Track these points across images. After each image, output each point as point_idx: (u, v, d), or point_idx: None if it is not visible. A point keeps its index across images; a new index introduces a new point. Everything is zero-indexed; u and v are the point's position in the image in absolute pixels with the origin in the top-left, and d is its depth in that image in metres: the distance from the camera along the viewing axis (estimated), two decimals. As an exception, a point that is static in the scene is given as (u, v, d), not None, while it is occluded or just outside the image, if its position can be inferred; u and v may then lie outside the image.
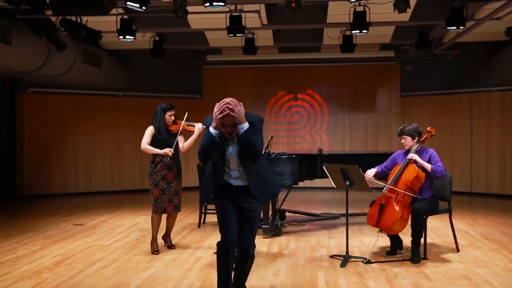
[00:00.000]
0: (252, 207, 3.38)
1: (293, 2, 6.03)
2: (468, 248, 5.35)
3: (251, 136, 3.19)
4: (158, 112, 5.16)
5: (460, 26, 6.80)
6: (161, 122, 5.13)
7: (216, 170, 3.38)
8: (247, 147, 3.21)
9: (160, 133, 5.12)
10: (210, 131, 3.22)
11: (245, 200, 3.37)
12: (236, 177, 3.38)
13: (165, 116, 5.14)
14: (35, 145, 10.00)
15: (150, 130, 5.16)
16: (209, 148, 3.25)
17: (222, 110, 3.16)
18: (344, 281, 4.19)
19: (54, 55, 7.78)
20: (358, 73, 11.35)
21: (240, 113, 3.17)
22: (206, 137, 3.24)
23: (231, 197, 3.39)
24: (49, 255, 5.10)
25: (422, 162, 4.79)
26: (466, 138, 10.40)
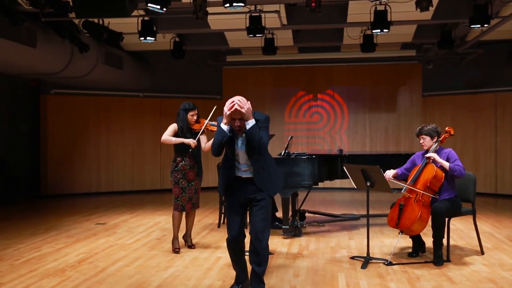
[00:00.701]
0: (261, 196, 3.65)
1: (313, 2, 6.00)
2: (493, 251, 5.23)
3: (257, 131, 3.51)
4: (180, 112, 5.20)
5: (485, 24, 6.66)
6: (183, 122, 5.18)
7: (228, 164, 3.72)
8: (253, 140, 3.51)
9: (183, 133, 5.17)
10: (222, 127, 3.57)
11: (254, 192, 3.66)
12: (245, 170, 3.69)
13: (187, 116, 5.18)
14: (58, 145, 10.19)
15: (173, 127, 5.21)
16: (220, 142, 3.58)
17: (231, 106, 3.48)
18: (365, 282, 4.15)
19: (77, 57, 7.93)
20: (379, 73, 11.22)
21: (248, 110, 3.49)
22: (218, 132, 3.60)
23: (241, 190, 3.69)
24: (73, 253, 5.20)
25: (440, 161, 4.72)
26: (490, 138, 10.18)
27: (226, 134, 3.55)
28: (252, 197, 3.66)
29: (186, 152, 5.21)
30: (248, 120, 3.49)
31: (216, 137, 3.62)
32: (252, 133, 3.49)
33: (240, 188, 3.70)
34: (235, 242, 3.74)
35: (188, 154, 5.21)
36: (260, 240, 3.59)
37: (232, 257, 3.83)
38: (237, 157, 3.68)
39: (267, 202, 3.67)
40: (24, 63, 7.39)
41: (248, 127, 3.50)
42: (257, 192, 3.65)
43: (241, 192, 3.70)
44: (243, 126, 3.54)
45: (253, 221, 3.64)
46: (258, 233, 3.59)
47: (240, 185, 3.69)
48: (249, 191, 3.67)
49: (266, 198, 3.66)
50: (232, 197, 3.74)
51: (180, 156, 5.21)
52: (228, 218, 3.79)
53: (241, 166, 3.68)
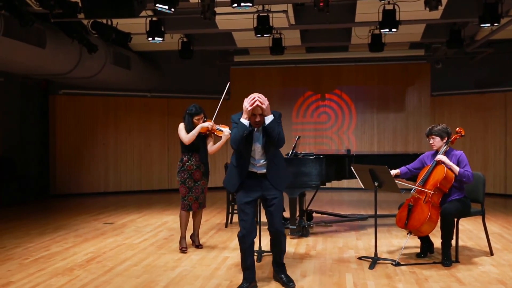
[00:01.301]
0: (274, 195, 3.92)
1: (321, 2, 5.99)
2: (503, 252, 5.18)
3: (276, 125, 3.78)
4: (186, 116, 5.20)
5: (494, 23, 6.60)
6: (189, 126, 5.18)
7: (243, 160, 3.88)
8: (273, 133, 3.75)
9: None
10: (243, 122, 3.76)
11: (268, 188, 3.90)
12: (260, 165, 3.89)
13: (193, 120, 5.19)
14: (67, 145, 10.27)
15: (183, 126, 5.20)
16: (241, 135, 3.76)
17: (252, 102, 3.70)
18: (373, 283, 4.13)
19: (86, 57, 7.98)
20: (387, 73, 11.17)
21: (267, 106, 3.75)
22: (239, 127, 3.76)
23: (255, 186, 3.89)
24: (81, 252, 5.23)
25: (450, 164, 4.67)
26: (500, 138, 10.08)
27: (247, 128, 3.75)
28: (266, 195, 3.90)
29: (193, 152, 5.22)
30: (267, 115, 3.75)
31: (237, 131, 3.77)
32: (272, 127, 3.74)
33: (254, 184, 3.89)
34: (248, 236, 3.86)
35: (194, 154, 5.22)
36: (280, 235, 3.97)
37: (243, 252, 3.91)
38: (253, 152, 3.86)
39: (280, 200, 3.97)
40: (33, 64, 7.46)
41: (267, 122, 3.75)
42: (269, 190, 3.90)
43: (254, 188, 3.89)
44: (262, 121, 3.77)
45: (272, 220, 3.94)
46: (278, 227, 3.94)
47: (254, 181, 3.88)
48: (262, 188, 3.89)
49: (278, 196, 3.94)
50: (244, 193, 3.89)
51: (187, 156, 5.23)
52: (240, 214, 3.91)
53: (256, 161, 3.88)
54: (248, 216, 3.86)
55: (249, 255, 3.92)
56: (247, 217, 3.85)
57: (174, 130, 5.30)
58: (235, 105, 11.45)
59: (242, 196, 3.90)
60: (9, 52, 6.64)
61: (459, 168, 4.63)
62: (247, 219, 3.85)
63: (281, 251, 4.08)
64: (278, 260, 4.11)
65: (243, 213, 3.87)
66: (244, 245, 3.88)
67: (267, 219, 4.01)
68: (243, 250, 3.91)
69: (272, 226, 3.96)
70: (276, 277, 4.14)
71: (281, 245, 4.06)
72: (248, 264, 3.93)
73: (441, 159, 4.71)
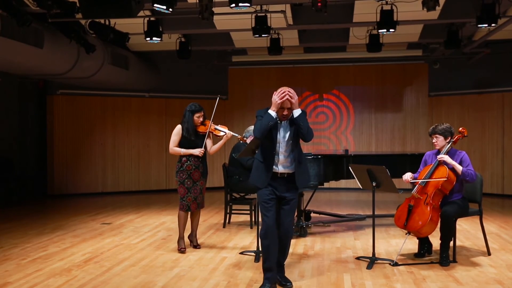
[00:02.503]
0: (292, 196, 3.98)
1: (319, 2, 5.99)
2: (500, 252, 5.20)
3: (305, 118, 3.85)
4: (186, 113, 5.20)
5: (492, 24, 6.62)
6: (189, 123, 5.18)
7: (268, 156, 3.91)
8: (303, 126, 3.81)
9: (189, 134, 5.18)
10: (270, 113, 3.80)
11: (287, 190, 3.95)
12: (281, 162, 3.93)
13: (193, 117, 5.19)
14: (65, 145, 10.25)
15: (178, 130, 5.20)
16: (266, 126, 3.79)
17: (282, 96, 3.75)
18: (371, 283, 4.13)
19: (84, 57, 7.97)
20: (385, 73, 11.18)
21: (296, 101, 3.80)
22: (266, 117, 3.80)
23: (277, 185, 3.92)
24: (79, 253, 5.22)
25: (453, 163, 4.66)
26: (497, 138, 10.11)
27: (274, 119, 3.79)
28: (284, 195, 3.95)
29: None
30: (294, 109, 3.81)
31: (263, 121, 3.81)
32: (302, 119, 3.81)
33: (276, 183, 3.93)
34: (272, 232, 3.87)
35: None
36: (288, 236, 4.03)
37: (266, 251, 3.87)
38: (277, 146, 3.90)
39: (296, 202, 4.06)
40: (31, 64, 7.44)
41: (297, 115, 3.82)
42: (289, 191, 3.95)
43: (277, 186, 3.93)
44: (290, 114, 3.84)
45: (283, 219, 3.97)
46: (288, 229, 3.99)
47: (276, 180, 3.93)
48: (283, 189, 3.94)
49: (295, 198, 4.01)
50: (268, 189, 3.91)
51: (186, 156, 5.22)
52: (262, 210, 3.91)
53: (280, 157, 3.91)
54: (271, 213, 3.87)
55: (273, 255, 3.88)
56: (270, 213, 3.86)
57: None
58: (233, 105, 11.47)
59: (266, 193, 3.90)
60: (6, 52, 6.62)
61: (462, 167, 4.63)
62: (270, 215, 3.86)
63: (285, 253, 4.08)
64: (281, 261, 4.08)
65: (266, 210, 3.88)
66: (267, 241, 3.85)
67: (279, 218, 3.98)
68: (267, 247, 3.86)
69: (283, 225, 3.96)
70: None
71: (286, 248, 4.07)
72: (272, 265, 3.89)
73: (443, 158, 4.71)
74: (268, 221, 3.86)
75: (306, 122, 3.84)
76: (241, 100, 11.50)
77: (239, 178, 6.40)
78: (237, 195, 6.66)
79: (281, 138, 3.90)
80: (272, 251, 3.88)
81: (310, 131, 3.86)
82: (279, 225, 3.97)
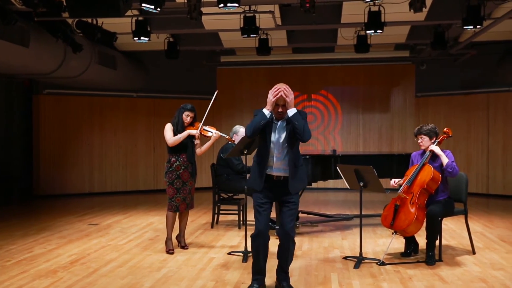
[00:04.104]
0: (292, 198, 3.84)
1: (307, 2, 6.01)
2: (485, 251, 5.27)
3: (300, 117, 3.72)
4: (179, 109, 5.25)
5: (477, 25, 6.70)
6: (179, 119, 5.20)
7: (263, 157, 3.80)
8: (298, 125, 3.68)
9: (178, 130, 5.17)
10: (264, 111, 3.72)
11: (284, 193, 3.82)
12: (276, 165, 3.80)
13: (183, 115, 5.19)
14: (51, 145, 10.14)
15: (170, 126, 5.20)
16: (258, 123, 3.72)
17: (277, 93, 3.68)
18: (358, 282, 4.16)
19: (70, 56, 7.89)
20: (373, 73, 11.26)
21: (291, 99, 3.71)
22: (259, 116, 3.73)
23: (272, 188, 3.82)
24: (65, 254, 5.17)
25: (441, 154, 4.73)
26: (482, 139, 10.24)
27: (266, 118, 3.71)
28: (283, 198, 3.83)
29: (180, 152, 5.20)
30: (291, 108, 3.71)
31: (255, 119, 3.74)
32: (297, 118, 3.70)
33: (274, 186, 3.82)
34: (261, 236, 3.78)
35: (182, 154, 5.21)
36: (289, 239, 3.83)
37: (256, 253, 3.81)
38: (271, 147, 3.78)
39: (297, 203, 3.89)
40: (16, 63, 7.35)
41: (291, 114, 3.70)
42: (286, 195, 3.82)
43: (273, 190, 3.82)
44: (285, 112, 3.73)
45: (284, 221, 3.83)
46: (288, 232, 3.81)
47: (273, 184, 3.82)
48: (281, 192, 3.82)
49: (296, 201, 3.87)
50: (262, 193, 3.82)
51: (175, 157, 5.21)
52: (255, 213, 3.82)
53: (274, 159, 3.79)
54: (263, 216, 3.79)
55: (263, 257, 3.81)
56: (262, 217, 3.79)
57: (160, 131, 5.28)
58: (221, 106, 11.45)
59: (260, 196, 3.82)
60: (-9, 51, 6.54)
61: (447, 160, 4.70)
62: (261, 219, 3.78)
63: (288, 259, 3.91)
64: (284, 268, 3.93)
65: (259, 213, 3.80)
66: (257, 243, 3.78)
67: (279, 220, 3.92)
68: (256, 250, 3.80)
69: (283, 229, 3.83)
70: (278, 284, 3.97)
71: (289, 252, 3.89)
72: (261, 267, 3.83)
73: (433, 148, 4.78)
74: (259, 225, 3.78)
75: (302, 121, 3.70)
76: (230, 100, 11.49)
77: (227, 177, 6.40)
78: (225, 195, 6.65)
79: (275, 140, 3.79)
80: (262, 254, 3.81)
81: (307, 130, 3.72)
82: (281, 227, 3.86)
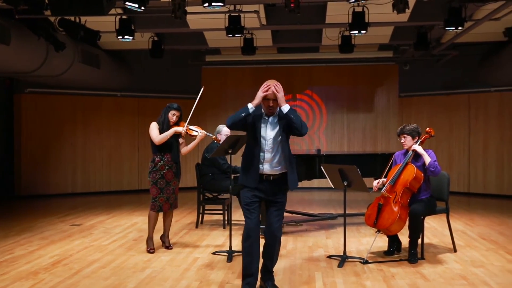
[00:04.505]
0: (280, 198, 3.81)
1: (292, 2, 6.04)
2: (466, 248, 5.36)
3: (295, 112, 3.70)
4: (165, 108, 5.23)
5: (459, 27, 6.82)
6: (165, 118, 5.18)
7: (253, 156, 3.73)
8: (295, 120, 3.65)
9: (164, 129, 5.15)
10: (248, 106, 3.68)
11: (273, 193, 3.78)
12: (268, 161, 3.73)
13: (169, 114, 5.17)
14: (33, 145, 9.99)
15: (155, 125, 5.18)
16: (239, 116, 3.68)
17: (267, 89, 3.65)
18: (342, 281, 4.19)
19: (53, 55, 7.78)
20: (357, 74, 11.35)
21: (282, 97, 3.67)
22: (242, 109, 3.70)
23: (264, 187, 3.75)
24: (46, 255, 5.10)
25: (423, 153, 4.79)
26: (464, 138, 10.41)
27: (248, 111, 3.66)
28: (271, 198, 3.79)
29: (165, 152, 5.18)
30: (282, 105, 3.67)
31: (237, 112, 3.71)
32: (292, 113, 3.66)
33: (263, 185, 3.75)
34: (255, 236, 3.70)
35: (166, 154, 5.18)
36: (276, 239, 3.81)
37: (247, 255, 3.71)
38: (263, 143, 3.72)
39: (284, 203, 3.88)
40: (-3, 61, 7.23)
41: (286, 110, 3.66)
42: (277, 193, 3.79)
43: (262, 189, 3.75)
44: (275, 107, 3.71)
45: (271, 220, 3.80)
46: (275, 232, 3.79)
47: (263, 183, 3.75)
48: (270, 191, 3.77)
49: (284, 200, 3.85)
50: (250, 192, 3.74)
51: (159, 156, 5.18)
52: (245, 212, 3.75)
53: (266, 155, 3.73)
54: (253, 216, 3.71)
55: (256, 259, 3.71)
56: (252, 216, 3.71)
57: (144, 130, 5.26)
58: (206, 105, 11.42)
59: (249, 195, 3.73)
60: (-29, 49, 6.42)
61: (430, 159, 4.76)
62: (252, 218, 3.70)
63: (273, 259, 3.87)
64: (269, 267, 3.89)
65: (249, 212, 3.72)
66: (248, 244, 3.69)
67: (266, 219, 3.84)
68: (247, 252, 3.70)
69: (270, 228, 3.78)
70: (262, 284, 3.92)
71: (275, 254, 3.86)
72: (254, 271, 3.71)
73: (415, 148, 4.85)
74: (250, 224, 3.70)
75: (298, 116, 3.68)
76: (215, 100, 11.46)
77: (212, 177, 6.39)
78: (210, 195, 6.64)
79: (267, 136, 3.73)
80: (255, 256, 3.71)
81: (304, 124, 3.69)
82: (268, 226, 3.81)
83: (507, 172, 9.80)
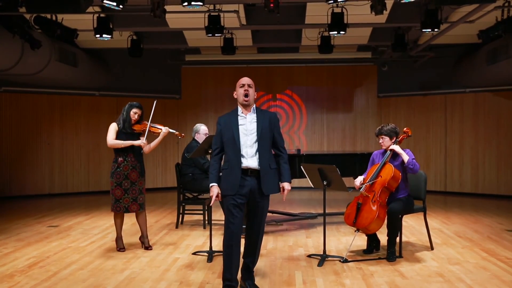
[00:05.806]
0: (263, 199, 3.78)
1: (271, 3, 6.06)
2: (442, 246, 5.47)
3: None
4: (126, 106, 5.18)
5: (435, 29, 6.95)
6: (127, 116, 5.13)
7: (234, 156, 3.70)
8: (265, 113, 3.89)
9: (124, 128, 5.09)
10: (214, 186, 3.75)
11: (257, 195, 3.73)
12: (251, 156, 3.70)
13: (131, 112, 5.11)
14: (9, 145, 9.77)
15: (114, 127, 5.12)
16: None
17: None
18: (321, 280, 4.23)
19: (28, 53, 7.61)
20: (336, 74, 11.46)
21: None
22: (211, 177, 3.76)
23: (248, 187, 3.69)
24: (22, 257, 5.00)
25: (401, 152, 4.87)
26: (440, 138, 10.62)
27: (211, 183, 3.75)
28: (254, 200, 3.74)
29: (127, 152, 5.12)
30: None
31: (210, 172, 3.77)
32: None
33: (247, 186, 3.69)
34: (237, 241, 3.66)
35: (129, 154, 5.12)
36: (258, 239, 3.83)
37: (229, 259, 3.66)
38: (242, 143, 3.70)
39: (267, 206, 3.85)
40: (-30, 59, 7.04)
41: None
42: (258, 197, 3.74)
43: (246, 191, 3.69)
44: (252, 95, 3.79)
45: (252, 222, 3.80)
46: (258, 231, 3.80)
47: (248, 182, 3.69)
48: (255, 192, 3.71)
49: (267, 202, 3.83)
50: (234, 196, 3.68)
51: (122, 156, 5.12)
52: (228, 216, 3.68)
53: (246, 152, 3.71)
54: (237, 219, 3.64)
55: (235, 264, 3.66)
56: (236, 220, 3.64)
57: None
58: (186, 105, 11.38)
59: (234, 197, 3.66)
60: None
61: (408, 157, 4.84)
62: (235, 222, 3.63)
63: (255, 256, 3.89)
64: (250, 267, 3.90)
65: (232, 216, 3.64)
66: (230, 250, 3.63)
67: (249, 220, 3.83)
68: (229, 257, 3.64)
69: (252, 228, 3.79)
70: (242, 283, 3.92)
71: (256, 251, 3.87)
72: (233, 276, 3.67)
73: (393, 148, 4.93)
74: (233, 228, 3.63)
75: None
76: (194, 99, 11.42)
77: (192, 176, 6.36)
78: (190, 195, 6.61)
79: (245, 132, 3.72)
80: (235, 261, 3.67)
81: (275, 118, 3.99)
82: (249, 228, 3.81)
83: (481, 171, 10.04)
